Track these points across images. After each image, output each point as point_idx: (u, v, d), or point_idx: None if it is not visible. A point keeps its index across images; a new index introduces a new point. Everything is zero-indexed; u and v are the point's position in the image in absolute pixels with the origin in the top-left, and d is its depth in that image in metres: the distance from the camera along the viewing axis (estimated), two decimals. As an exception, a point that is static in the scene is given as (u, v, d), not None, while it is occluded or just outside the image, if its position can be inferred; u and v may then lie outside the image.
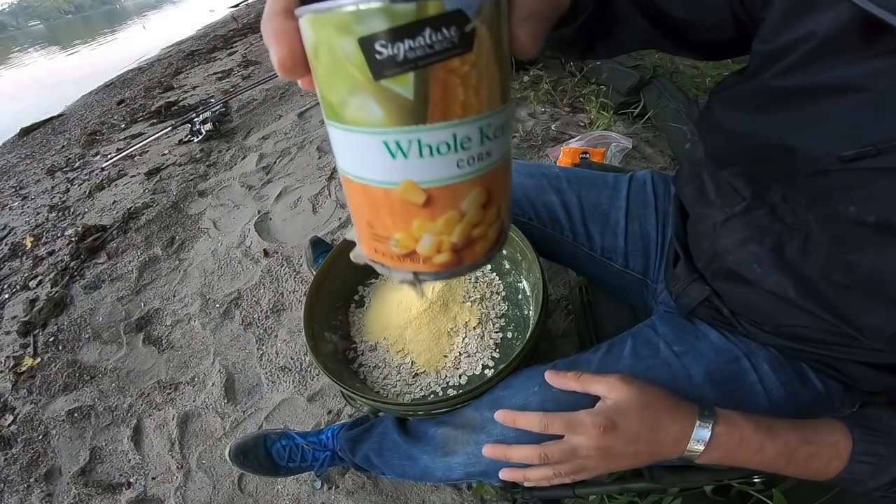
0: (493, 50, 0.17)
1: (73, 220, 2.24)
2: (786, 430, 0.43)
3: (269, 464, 0.89)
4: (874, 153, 0.32)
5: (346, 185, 0.20)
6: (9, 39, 27.56)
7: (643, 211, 0.69)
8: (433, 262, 0.20)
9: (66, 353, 1.48)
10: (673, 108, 1.60)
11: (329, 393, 1.16)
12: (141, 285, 1.67)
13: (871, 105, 0.32)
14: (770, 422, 0.44)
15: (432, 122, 0.16)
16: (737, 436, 0.43)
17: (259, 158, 2.27)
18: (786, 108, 0.38)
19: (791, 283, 0.42)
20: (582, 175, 0.73)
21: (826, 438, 0.42)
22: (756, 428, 0.43)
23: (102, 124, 3.54)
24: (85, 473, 1.14)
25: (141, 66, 5.63)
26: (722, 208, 0.49)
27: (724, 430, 0.43)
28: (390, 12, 0.14)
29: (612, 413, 0.43)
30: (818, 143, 0.35)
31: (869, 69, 0.32)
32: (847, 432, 0.42)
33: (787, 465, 0.43)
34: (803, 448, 0.42)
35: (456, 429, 0.60)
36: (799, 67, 0.35)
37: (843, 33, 0.32)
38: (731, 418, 0.43)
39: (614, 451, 0.42)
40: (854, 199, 0.34)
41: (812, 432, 0.43)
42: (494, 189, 0.19)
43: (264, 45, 1.06)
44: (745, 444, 0.43)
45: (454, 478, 0.61)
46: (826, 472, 0.42)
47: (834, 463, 0.42)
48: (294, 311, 1.40)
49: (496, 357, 0.72)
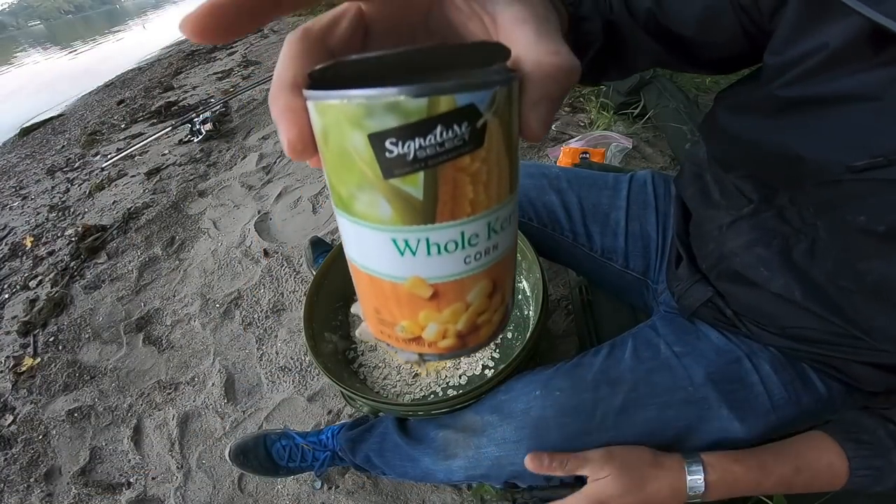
0: (503, 141, 0.16)
1: (73, 220, 2.24)
2: (775, 464, 0.44)
3: (269, 464, 0.89)
4: (885, 163, 0.32)
5: (353, 272, 0.20)
6: (9, 39, 27.57)
7: (643, 211, 0.68)
8: (438, 346, 0.20)
9: (66, 353, 1.48)
10: (673, 108, 1.60)
11: (329, 393, 1.16)
12: (141, 285, 1.67)
13: (882, 114, 0.32)
14: (761, 458, 0.45)
15: (441, 222, 0.16)
16: (730, 479, 0.44)
17: (259, 158, 2.27)
18: (794, 117, 0.38)
19: (798, 286, 0.42)
20: (582, 175, 0.73)
21: (819, 462, 0.43)
22: (748, 469, 0.44)
23: (102, 124, 3.54)
24: (85, 473, 1.14)
25: (141, 66, 5.63)
26: (728, 210, 0.49)
27: (716, 478, 0.45)
28: (401, 108, 0.14)
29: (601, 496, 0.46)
30: (827, 153, 0.35)
31: (879, 78, 0.32)
32: (839, 451, 0.42)
33: (790, 491, 0.44)
34: (799, 477, 0.43)
35: (457, 432, 0.60)
36: (808, 77, 0.35)
37: (854, 44, 0.32)
38: (718, 465, 0.45)
39: None
40: (864, 210, 0.34)
41: (803, 460, 0.44)
42: (500, 278, 0.19)
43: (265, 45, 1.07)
44: (741, 485, 0.45)
45: (455, 480, 0.61)
46: (830, 487, 0.44)
47: (836, 480, 0.43)
48: (294, 311, 1.40)
49: (496, 357, 0.72)
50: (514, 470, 0.55)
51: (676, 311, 0.61)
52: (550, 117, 0.17)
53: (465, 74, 0.16)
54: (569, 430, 0.52)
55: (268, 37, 4.80)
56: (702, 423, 0.51)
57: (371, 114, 0.14)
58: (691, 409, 0.51)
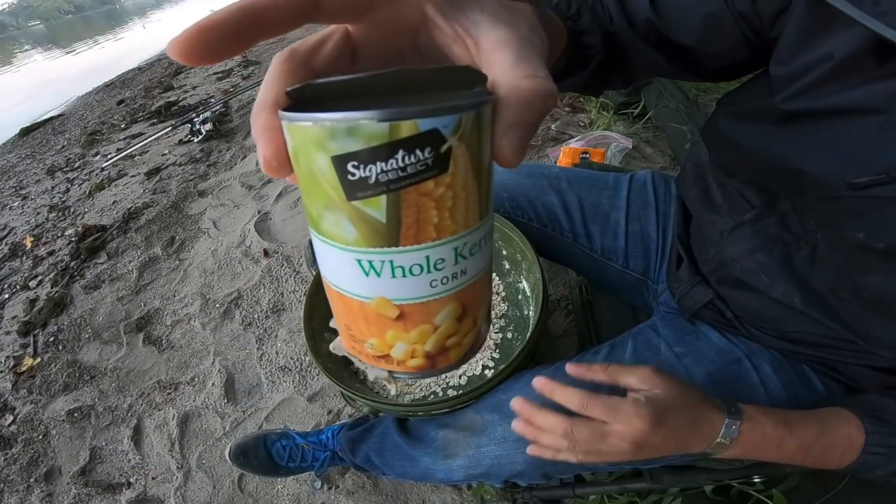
0: (471, 167, 0.16)
1: (73, 220, 2.24)
2: (803, 425, 0.43)
3: (269, 464, 0.89)
4: (887, 181, 0.31)
5: (326, 288, 0.20)
6: (9, 39, 27.59)
7: (643, 211, 0.69)
8: (406, 364, 0.20)
9: (66, 353, 1.48)
10: (673, 108, 1.60)
11: (329, 393, 1.16)
12: (141, 285, 1.67)
13: (885, 128, 0.31)
14: (787, 416, 0.43)
15: (405, 245, 0.16)
16: (759, 433, 0.42)
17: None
18: (797, 129, 0.37)
19: (798, 293, 0.42)
20: (582, 175, 0.73)
21: (840, 431, 0.42)
22: (776, 424, 0.43)
23: (102, 124, 3.54)
24: (85, 473, 1.14)
25: (141, 66, 5.63)
26: (730, 215, 0.49)
27: (748, 426, 0.42)
28: (363, 132, 0.14)
29: (660, 406, 0.40)
30: (828, 169, 0.35)
31: (883, 91, 0.31)
32: (859, 423, 0.42)
33: (804, 459, 0.43)
34: (819, 442, 0.42)
35: (457, 431, 0.60)
36: (813, 89, 0.35)
37: (858, 55, 0.31)
38: (753, 415, 0.43)
39: (648, 444, 0.40)
40: (863, 226, 0.34)
41: (826, 426, 0.43)
42: (470, 303, 0.19)
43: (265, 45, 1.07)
44: (766, 441, 0.43)
45: (455, 479, 0.61)
46: (839, 463, 0.43)
47: (847, 455, 0.42)
48: (294, 311, 1.40)
49: (496, 357, 0.72)
50: (515, 469, 0.55)
51: (677, 312, 0.61)
52: (525, 143, 0.16)
53: (436, 98, 0.16)
54: None
55: (268, 37, 4.80)
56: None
57: (334, 136, 0.14)
58: None
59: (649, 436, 0.40)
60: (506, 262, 0.82)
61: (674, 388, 0.42)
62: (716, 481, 0.64)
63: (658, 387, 0.42)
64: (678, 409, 0.42)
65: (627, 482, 0.67)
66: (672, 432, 0.41)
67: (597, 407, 0.41)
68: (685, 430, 0.41)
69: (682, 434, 0.41)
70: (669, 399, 0.42)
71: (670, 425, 0.41)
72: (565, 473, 0.57)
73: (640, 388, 0.43)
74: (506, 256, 0.81)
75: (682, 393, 0.42)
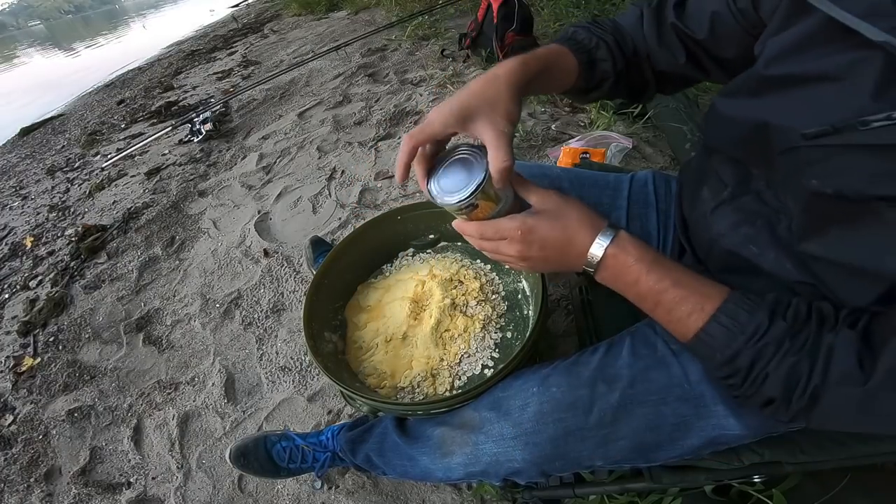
0: (487, 200, 0.46)
1: (73, 219, 2.24)
2: (666, 269, 0.44)
3: (270, 465, 0.89)
4: (832, 131, 0.36)
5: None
6: (9, 39, 27.54)
7: (644, 211, 0.69)
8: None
9: (66, 353, 1.48)
10: (673, 108, 1.60)
11: (329, 393, 1.16)
12: (141, 285, 1.67)
13: (840, 92, 0.36)
14: (655, 258, 0.45)
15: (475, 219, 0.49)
16: (622, 260, 0.45)
17: (259, 158, 2.27)
18: (768, 93, 0.43)
19: (789, 259, 0.44)
20: (583, 175, 0.73)
21: (701, 288, 0.43)
22: (639, 258, 0.45)
23: (102, 124, 3.55)
24: (85, 473, 1.14)
25: (141, 66, 5.63)
26: (711, 196, 0.52)
27: (614, 251, 0.46)
28: (453, 208, 0.47)
29: (530, 220, 0.47)
30: (789, 122, 0.40)
31: (842, 61, 0.36)
32: (724, 294, 0.42)
33: (658, 307, 0.45)
34: (673, 290, 0.43)
35: (454, 429, 0.60)
36: (784, 58, 0.41)
37: (822, 32, 0.38)
38: (623, 243, 0.46)
39: (528, 254, 0.48)
40: (816, 174, 0.38)
41: (691, 280, 0.44)
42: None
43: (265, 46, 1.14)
44: (628, 272, 0.45)
45: (454, 478, 0.61)
46: (688, 326, 0.43)
47: (696, 317, 0.42)
48: (294, 311, 1.40)
49: (496, 357, 0.72)
50: (513, 467, 0.55)
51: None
52: (503, 184, 0.44)
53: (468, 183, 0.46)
54: (566, 426, 0.52)
55: (268, 37, 4.81)
56: (698, 420, 0.51)
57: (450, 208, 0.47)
58: (687, 406, 0.51)
59: (525, 246, 0.47)
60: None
61: (556, 205, 0.48)
62: (716, 481, 0.64)
63: (545, 205, 0.48)
64: (548, 224, 0.47)
65: (627, 482, 0.67)
66: (546, 246, 0.48)
67: (488, 231, 0.49)
68: (558, 245, 0.47)
69: (556, 248, 0.47)
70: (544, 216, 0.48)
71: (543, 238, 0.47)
72: (563, 471, 0.57)
73: (535, 207, 0.49)
74: (506, 256, 0.81)
75: (560, 208, 0.48)
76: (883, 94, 0.34)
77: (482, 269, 0.84)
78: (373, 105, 2.45)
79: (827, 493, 0.67)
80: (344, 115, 2.44)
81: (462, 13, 3.48)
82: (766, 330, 0.39)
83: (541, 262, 0.49)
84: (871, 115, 0.33)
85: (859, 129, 0.34)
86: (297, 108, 2.67)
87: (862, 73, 0.35)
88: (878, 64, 0.34)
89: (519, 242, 0.47)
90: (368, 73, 2.85)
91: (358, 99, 2.57)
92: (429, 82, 2.51)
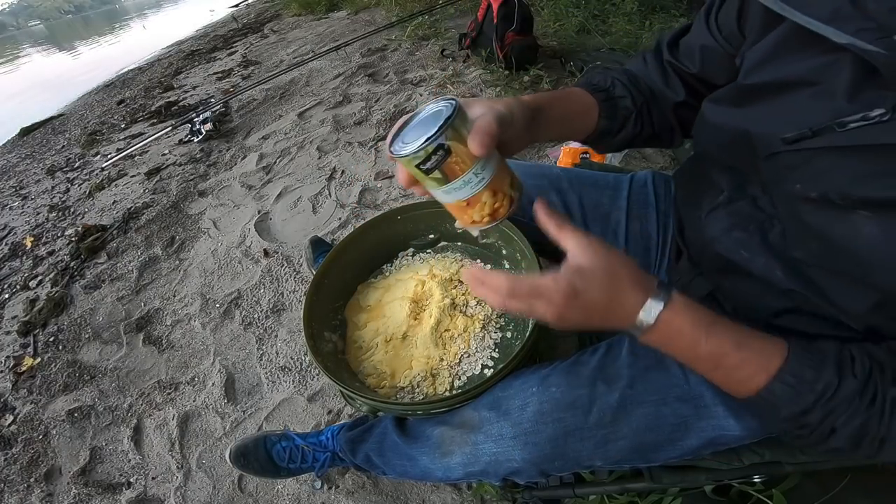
0: (461, 145, 0.38)
1: (73, 219, 2.24)
2: (724, 331, 0.42)
3: (270, 465, 0.89)
4: (810, 135, 0.37)
5: (444, 205, 0.44)
6: (9, 39, 27.55)
7: (644, 211, 0.69)
8: (483, 221, 0.44)
9: (66, 353, 1.48)
10: (673, 108, 1.60)
11: (329, 393, 1.16)
12: (141, 285, 1.67)
13: (816, 96, 0.37)
14: (713, 320, 0.42)
15: (453, 180, 0.40)
16: (676, 327, 0.42)
17: (259, 158, 2.27)
18: (747, 102, 0.44)
19: (778, 265, 0.44)
20: (583, 175, 0.73)
21: (762, 348, 0.41)
22: (696, 325, 0.42)
23: (102, 124, 3.55)
24: (85, 473, 1.14)
25: (141, 66, 5.63)
26: (707, 201, 0.52)
27: (668, 317, 0.41)
28: (419, 156, 0.38)
29: (576, 280, 0.41)
30: (768, 128, 0.40)
31: (815, 65, 0.37)
32: (784, 351, 0.40)
33: (716, 370, 0.42)
34: (735, 353, 0.41)
35: (454, 429, 0.60)
36: (761, 67, 0.43)
37: (792, 38, 0.39)
38: (678, 307, 0.42)
39: (568, 316, 0.42)
40: (798, 178, 0.39)
41: (750, 340, 0.42)
42: (496, 188, 0.42)
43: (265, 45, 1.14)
44: (682, 338, 0.42)
45: (454, 478, 0.61)
46: (749, 385, 0.41)
47: (759, 377, 0.40)
48: (294, 311, 1.40)
49: (496, 357, 0.72)
50: (512, 467, 0.55)
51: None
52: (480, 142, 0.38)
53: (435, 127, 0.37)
54: (565, 426, 0.52)
55: (268, 37, 4.81)
56: (697, 421, 0.51)
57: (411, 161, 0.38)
58: (686, 406, 0.51)
59: (567, 310, 0.41)
60: (506, 262, 0.82)
61: (601, 261, 0.42)
62: (716, 481, 0.64)
63: (586, 259, 0.42)
64: (596, 284, 0.42)
65: (627, 482, 0.67)
66: (590, 308, 0.42)
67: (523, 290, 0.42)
68: (602, 305, 0.42)
69: (600, 311, 0.42)
70: (590, 273, 0.42)
71: (584, 300, 0.41)
72: (563, 471, 0.57)
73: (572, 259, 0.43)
74: (506, 256, 0.81)
75: (608, 266, 0.42)
76: (856, 95, 0.34)
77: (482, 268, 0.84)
78: (373, 105, 2.45)
79: (827, 494, 0.67)
80: (344, 115, 2.44)
81: (462, 13, 3.47)
82: (836, 388, 0.38)
83: (577, 324, 0.43)
84: (846, 116, 0.34)
85: (837, 130, 0.35)
86: (297, 108, 2.67)
87: (834, 75, 0.36)
88: (848, 66, 0.35)
89: (559, 305, 0.41)
90: (368, 73, 2.85)
91: (358, 99, 2.57)
92: (429, 82, 2.51)
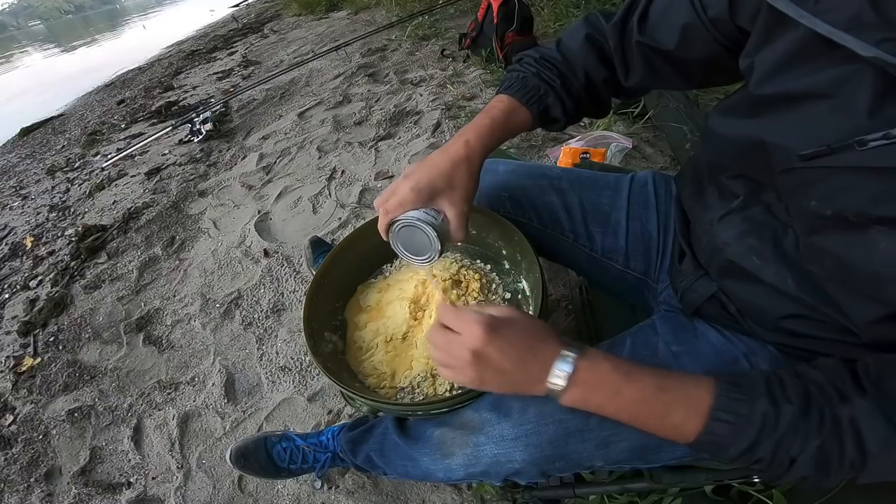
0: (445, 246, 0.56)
1: (74, 219, 2.24)
2: (644, 375, 0.41)
3: (270, 466, 0.89)
4: (828, 152, 0.35)
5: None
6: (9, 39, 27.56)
7: (644, 211, 0.69)
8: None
9: (66, 353, 1.48)
10: (673, 108, 1.60)
11: (329, 393, 1.16)
12: (141, 285, 1.67)
13: (833, 109, 0.35)
14: (632, 366, 0.42)
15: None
16: (596, 373, 0.41)
17: (259, 158, 2.27)
18: (767, 112, 0.42)
19: (790, 274, 0.43)
20: (583, 176, 0.73)
21: (687, 390, 0.41)
22: (615, 368, 0.41)
23: (102, 124, 3.55)
24: (85, 473, 1.14)
25: (141, 66, 5.63)
26: (720, 205, 0.51)
27: (586, 364, 0.41)
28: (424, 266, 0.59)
29: (499, 320, 0.43)
30: (784, 142, 0.39)
31: (831, 77, 0.35)
32: (711, 388, 0.40)
33: (647, 417, 0.42)
34: (661, 396, 0.40)
35: (454, 429, 0.60)
36: (775, 75, 0.39)
37: (808, 48, 0.36)
38: (594, 356, 0.42)
39: (485, 355, 0.42)
40: (814, 195, 0.37)
41: (674, 382, 0.41)
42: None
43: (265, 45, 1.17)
44: (603, 385, 0.41)
45: (455, 478, 0.61)
46: (685, 430, 0.40)
47: (692, 420, 0.40)
48: (294, 311, 1.40)
49: (496, 357, 0.72)
50: (513, 468, 0.55)
51: (676, 311, 0.61)
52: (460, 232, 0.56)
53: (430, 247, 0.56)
54: (566, 428, 0.52)
55: (268, 37, 4.81)
56: None
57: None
58: None
59: (485, 344, 0.42)
60: (506, 262, 0.82)
61: (522, 315, 0.45)
62: (716, 481, 0.64)
63: (508, 312, 0.45)
64: (517, 328, 0.44)
65: (627, 482, 0.67)
66: (508, 348, 0.42)
67: (448, 315, 0.45)
68: (521, 349, 0.43)
69: (519, 353, 0.43)
70: (512, 318, 0.44)
71: (506, 339, 0.42)
72: (564, 472, 0.57)
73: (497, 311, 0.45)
74: (506, 256, 0.81)
75: (528, 320, 0.45)
76: (878, 111, 0.32)
77: (482, 269, 0.84)
78: (373, 105, 2.45)
79: (826, 494, 0.67)
80: (344, 115, 2.44)
81: (462, 13, 3.48)
82: (776, 417, 0.38)
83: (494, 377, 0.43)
84: (867, 133, 0.32)
85: (857, 148, 0.33)
86: (297, 108, 2.67)
87: (854, 89, 0.33)
88: (869, 79, 0.32)
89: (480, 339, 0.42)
90: (368, 73, 2.85)
91: (358, 99, 2.57)
92: (429, 82, 2.51)
